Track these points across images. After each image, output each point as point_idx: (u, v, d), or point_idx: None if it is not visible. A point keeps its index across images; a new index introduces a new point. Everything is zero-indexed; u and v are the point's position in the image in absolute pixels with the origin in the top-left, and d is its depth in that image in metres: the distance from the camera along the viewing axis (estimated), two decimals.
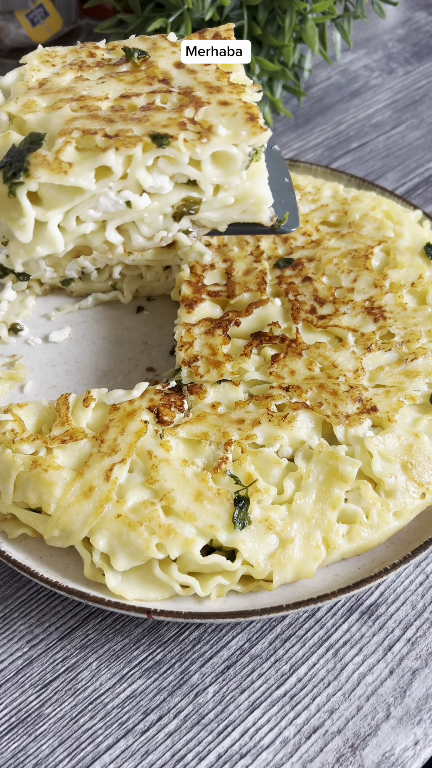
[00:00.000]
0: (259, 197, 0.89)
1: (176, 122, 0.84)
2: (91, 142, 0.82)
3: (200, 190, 0.87)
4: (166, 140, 0.82)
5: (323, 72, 1.73)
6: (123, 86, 0.91)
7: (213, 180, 0.86)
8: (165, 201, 0.86)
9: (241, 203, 0.89)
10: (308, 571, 0.88)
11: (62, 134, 0.82)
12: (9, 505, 0.93)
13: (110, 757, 0.84)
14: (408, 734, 0.85)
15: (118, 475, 0.90)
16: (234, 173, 0.86)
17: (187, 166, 0.84)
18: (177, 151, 0.82)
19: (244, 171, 0.86)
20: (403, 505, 0.92)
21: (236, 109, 0.87)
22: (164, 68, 0.94)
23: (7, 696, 0.88)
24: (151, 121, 0.84)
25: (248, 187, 0.88)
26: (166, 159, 0.83)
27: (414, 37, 1.83)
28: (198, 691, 0.88)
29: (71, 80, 0.93)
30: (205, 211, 0.89)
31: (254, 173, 0.87)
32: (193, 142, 0.83)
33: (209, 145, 0.83)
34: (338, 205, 1.22)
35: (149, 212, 0.86)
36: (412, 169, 1.50)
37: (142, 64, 0.94)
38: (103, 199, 0.83)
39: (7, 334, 1.18)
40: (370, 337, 1.03)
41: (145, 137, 0.82)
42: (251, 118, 0.85)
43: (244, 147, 0.84)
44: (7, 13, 1.63)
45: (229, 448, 0.92)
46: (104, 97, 0.88)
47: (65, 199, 0.82)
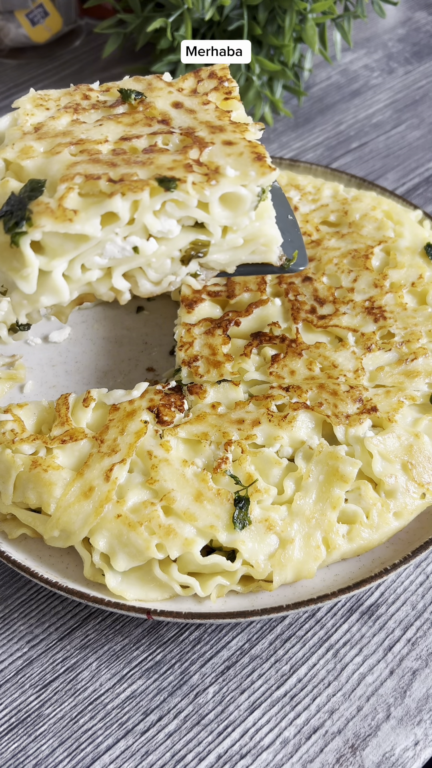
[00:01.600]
0: (268, 237, 0.87)
1: (182, 164, 0.82)
2: (94, 188, 0.79)
3: (208, 233, 0.84)
4: (174, 183, 0.79)
5: (323, 72, 1.73)
6: (122, 128, 0.88)
7: (222, 222, 0.84)
8: (173, 245, 0.84)
9: (250, 244, 0.87)
10: (308, 572, 0.88)
11: (64, 180, 0.79)
12: (9, 505, 0.93)
13: (110, 758, 0.84)
14: (408, 735, 0.85)
15: (118, 476, 0.90)
16: (243, 214, 0.84)
17: (195, 209, 0.82)
18: (185, 194, 0.80)
19: (252, 211, 0.84)
20: (403, 505, 0.92)
21: (242, 148, 0.84)
22: (162, 108, 0.91)
23: (7, 696, 0.88)
24: (155, 163, 0.82)
25: (258, 227, 0.86)
26: (174, 202, 0.81)
27: (414, 36, 1.83)
28: (198, 692, 0.88)
29: (67, 123, 0.90)
30: (214, 253, 0.87)
31: (263, 213, 0.86)
32: (202, 185, 0.80)
33: (218, 186, 0.81)
34: (338, 205, 1.22)
35: (157, 257, 0.84)
36: (413, 169, 1.50)
37: (139, 105, 0.92)
38: (110, 246, 0.81)
39: (7, 334, 1.18)
40: (370, 337, 1.03)
41: (152, 181, 0.79)
42: (258, 157, 0.83)
43: (252, 187, 0.83)
44: (7, 13, 1.63)
45: (229, 448, 0.92)
46: (104, 140, 0.86)
47: (70, 247, 0.79)
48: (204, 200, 0.81)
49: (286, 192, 1.24)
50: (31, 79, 1.69)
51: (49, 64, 1.73)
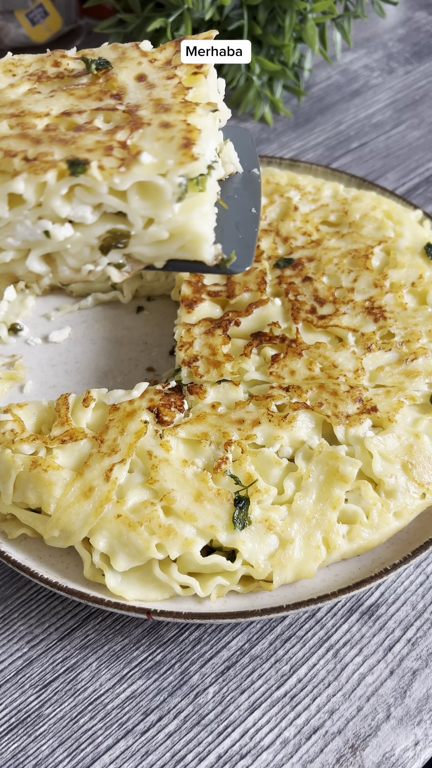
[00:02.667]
0: (195, 234, 0.78)
1: (103, 146, 0.76)
2: (10, 165, 0.75)
3: (128, 223, 0.78)
4: (82, 167, 0.74)
5: (323, 72, 1.73)
6: (71, 101, 0.83)
7: (140, 212, 0.76)
8: (89, 232, 0.78)
9: (176, 239, 0.79)
10: (308, 572, 0.88)
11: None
12: (9, 505, 0.93)
13: (110, 758, 0.84)
14: (408, 735, 0.85)
15: (118, 476, 0.90)
16: (164, 206, 0.76)
17: (108, 196, 0.75)
18: (93, 180, 0.74)
19: (176, 204, 0.76)
20: (403, 505, 0.92)
21: (175, 132, 0.77)
22: (123, 81, 0.86)
23: (7, 696, 0.88)
24: (77, 143, 0.76)
25: (182, 221, 0.77)
26: (84, 188, 0.75)
27: (414, 36, 1.83)
28: (198, 692, 0.88)
29: (23, 93, 0.86)
30: (136, 245, 0.79)
31: (191, 206, 0.77)
32: (111, 171, 0.74)
33: (128, 174, 0.74)
34: (338, 205, 1.22)
35: (72, 244, 0.78)
36: (413, 169, 1.50)
37: (102, 75, 0.87)
38: (20, 228, 0.76)
39: (7, 334, 1.18)
40: (370, 337, 1.03)
41: (62, 163, 0.74)
42: (186, 144, 0.75)
43: (173, 177, 0.75)
44: (7, 13, 1.63)
45: (229, 448, 0.92)
46: (45, 114, 0.81)
47: None
48: (114, 188, 0.75)
49: (287, 192, 1.24)
50: None
51: None
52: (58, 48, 1.73)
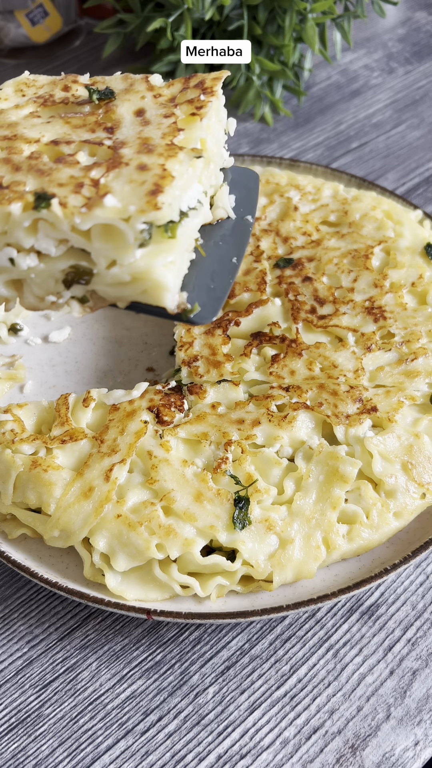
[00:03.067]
0: (156, 282, 0.76)
1: (75, 182, 0.76)
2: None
3: (91, 261, 0.77)
4: (46, 203, 0.73)
5: (323, 72, 1.73)
6: (64, 130, 0.84)
7: (101, 253, 0.76)
8: (53, 265, 0.78)
9: (139, 283, 0.77)
10: (308, 572, 0.88)
11: None
12: (9, 505, 0.93)
13: (110, 758, 0.84)
14: (408, 735, 0.85)
15: (118, 476, 0.90)
16: (125, 250, 0.75)
17: (71, 233, 0.75)
18: (54, 217, 0.74)
19: (138, 250, 0.75)
20: (403, 505, 0.92)
21: (148, 176, 0.76)
22: (120, 115, 0.85)
23: (7, 696, 0.88)
24: (52, 176, 0.77)
25: (143, 267, 0.75)
26: (47, 223, 0.75)
27: (414, 36, 1.83)
28: (198, 692, 0.88)
29: (24, 116, 0.86)
30: (98, 284, 0.79)
31: (156, 253, 0.75)
32: (73, 210, 0.73)
33: (89, 216, 0.73)
34: (338, 205, 1.22)
35: (36, 274, 0.78)
36: (413, 169, 1.50)
37: (103, 106, 0.87)
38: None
39: (7, 334, 1.18)
40: (370, 337, 1.03)
41: (29, 195, 0.74)
42: (154, 191, 0.74)
43: (134, 224, 0.73)
44: (6, 13, 1.63)
45: (229, 448, 0.92)
46: (35, 140, 0.82)
47: None
48: (76, 227, 0.74)
49: (286, 192, 1.24)
50: None
51: (49, 64, 1.73)
52: (58, 47, 1.74)
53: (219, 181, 0.92)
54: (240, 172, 0.99)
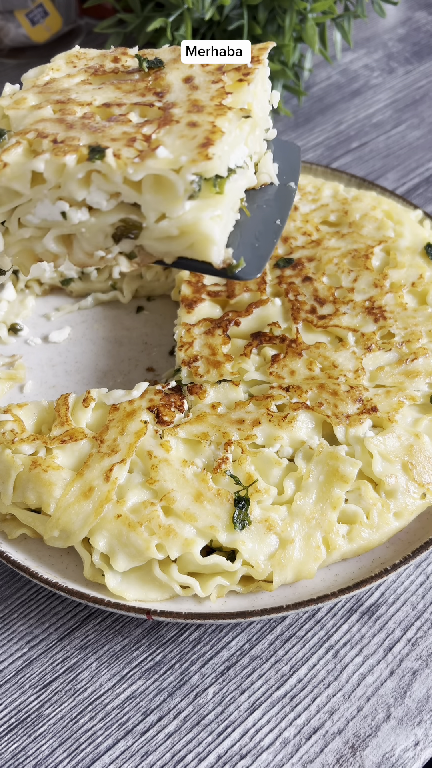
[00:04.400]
0: (203, 235, 0.78)
1: (127, 137, 0.78)
2: (39, 145, 0.79)
3: (141, 215, 0.79)
4: (100, 154, 0.76)
5: (323, 71, 1.73)
6: (115, 94, 0.87)
7: (150, 205, 0.78)
8: (104, 219, 0.80)
9: (186, 237, 0.79)
10: (308, 572, 0.88)
11: (18, 134, 0.80)
12: (9, 505, 0.93)
13: (110, 758, 0.84)
14: (408, 735, 0.85)
15: (118, 476, 0.90)
16: (174, 202, 0.77)
17: (122, 186, 0.77)
18: (108, 168, 0.76)
19: (187, 201, 0.77)
20: (403, 505, 0.92)
21: (198, 132, 0.79)
22: (170, 81, 0.88)
23: (7, 696, 0.88)
24: (105, 132, 0.79)
25: (191, 220, 0.77)
26: (100, 174, 0.77)
27: (414, 36, 1.83)
28: (198, 692, 0.88)
29: (76, 83, 0.90)
30: (147, 238, 0.81)
31: (203, 207, 0.77)
32: (126, 161, 0.76)
33: (142, 166, 0.76)
34: (338, 205, 1.22)
35: (86, 228, 0.81)
36: (413, 169, 1.50)
37: (152, 74, 0.90)
38: (41, 206, 0.80)
39: (7, 334, 1.18)
40: (370, 337, 1.03)
41: (83, 148, 0.77)
42: (204, 144, 0.77)
43: (185, 174, 0.75)
44: (6, 13, 1.63)
45: (229, 448, 0.92)
46: (87, 103, 0.84)
47: (5, 200, 0.80)
48: (129, 177, 0.76)
49: None
50: None
51: None
52: (59, 48, 1.73)
53: (263, 149, 0.95)
54: (283, 145, 1.02)
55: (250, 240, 0.88)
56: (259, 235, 0.89)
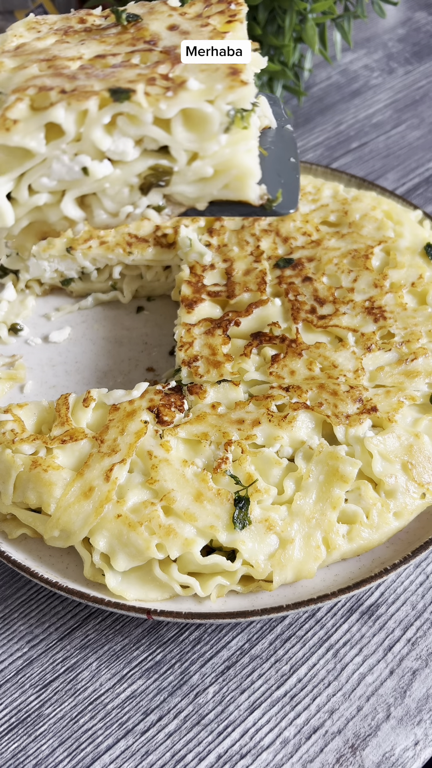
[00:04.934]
0: (241, 168, 0.74)
1: (145, 78, 0.72)
2: (46, 100, 0.70)
3: (171, 158, 0.73)
4: (126, 94, 0.69)
5: (323, 72, 1.73)
6: (103, 47, 0.79)
7: (185, 144, 0.73)
8: (129, 169, 0.73)
9: (221, 176, 0.75)
10: (308, 572, 0.88)
11: (16, 91, 0.71)
12: (9, 505, 0.93)
13: (110, 758, 0.84)
14: (408, 734, 0.85)
15: (118, 476, 0.90)
16: (210, 137, 0.72)
17: (152, 127, 0.71)
18: (138, 107, 0.70)
19: (222, 135, 0.72)
20: (403, 505, 0.92)
21: (218, 64, 0.74)
22: (155, 30, 0.82)
23: (7, 696, 0.88)
24: (117, 77, 0.72)
25: (228, 154, 0.73)
26: (127, 117, 0.71)
27: (414, 36, 1.83)
28: (198, 692, 0.88)
29: (51, 44, 0.81)
30: (179, 183, 0.75)
31: (237, 139, 0.73)
32: (157, 97, 0.70)
33: (176, 99, 0.70)
34: (338, 205, 1.22)
35: (111, 182, 0.74)
36: (413, 169, 1.50)
37: (132, 27, 0.82)
38: (57, 165, 0.72)
39: (7, 334, 1.18)
40: (370, 337, 1.03)
41: (103, 92, 0.70)
42: (233, 72, 0.72)
43: (220, 105, 0.71)
44: (7, 13, 1.63)
45: (229, 448, 0.92)
46: (77, 57, 0.77)
47: (14, 164, 0.71)
48: (160, 115, 0.71)
49: None
50: None
51: None
52: None
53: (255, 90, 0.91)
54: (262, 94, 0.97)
55: (274, 178, 0.83)
56: (281, 171, 0.85)
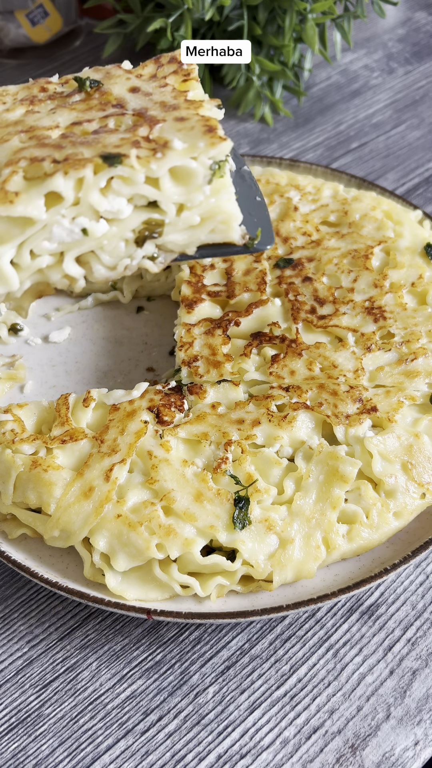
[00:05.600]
0: (226, 213, 0.83)
1: (129, 141, 0.79)
2: (39, 170, 0.77)
3: (162, 211, 0.81)
4: (118, 159, 0.77)
5: (323, 72, 1.73)
6: (75, 114, 0.86)
7: (174, 198, 0.81)
8: (125, 225, 0.81)
9: (208, 222, 0.84)
10: (308, 572, 0.88)
11: (9, 164, 0.77)
12: (9, 505, 0.93)
13: (110, 758, 0.84)
14: (408, 734, 0.85)
15: (118, 476, 0.90)
16: (196, 189, 0.81)
17: (144, 186, 0.79)
18: (131, 169, 0.77)
19: (207, 186, 0.81)
20: (403, 505, 0.92)
21: (193, 123, 0.82)
22: (119, 94, 0.89)
23: (7, 696, 0.88)
24: (102, 143, 0.79)
25: (214, 203, 0.82)
26: (121, 179, 0.78)
27: (414, 37, 1.83)
28: (198, 692, 0.88)
29: (21, 114, 0.88)
30: (170, 233, 0.83)
31: (219, 188, 0.82)
32: (148, 158, 0.78)
33: (165, 159, 0.78)
34: (338, 205, 1.22)
35: (109, 239, 0.81)
36: (412, 169, 1.50)
37: (95, 92, 0.90)
38: (57, 229, 0.78)
39: (7, 334, 1.18)
40: (370, 337, 1.03)
41: (96, 158, 0.77)
42: (209, 129, 0.81)
43: (203, 160, 0.80)
44: (7, 13, 1.63)
45: (229, 448, 0.92)
46: (54, 126, 0.84)
47: (16, 232, 0.77)
48: (151, 175, 0.78)
49: (286, 192, 1.24)
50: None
51: (49, 65, 1.73)
52: (58, 48, 1.74)
53: None
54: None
55: (247, 218, 0.90)
56: (251, 210, 0.93)
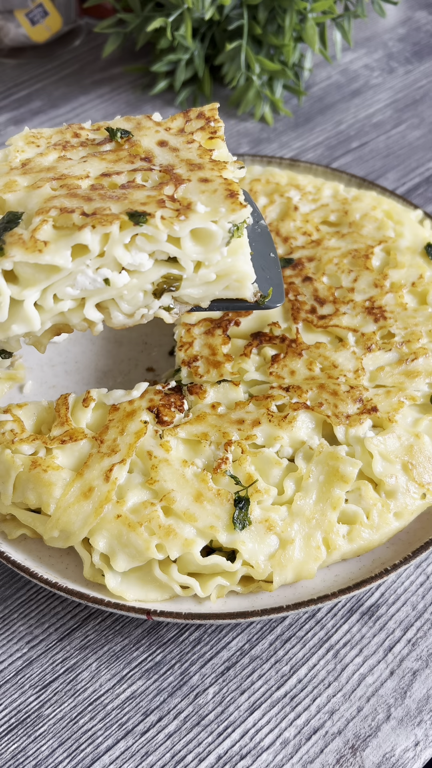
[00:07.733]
0: (241, 273, 0.88)
1: (155, 200, 0.84)
2: (68, 221, 0.81)
3: (180, 267, 0.86)
4: (144, 218, 0.81)
5: (323, 71, 1.73)
6: (105, 165, 0.90)
7: (193, 257, 0.85)
8: (145, 278, 0.85)
9: (223, 279, 0.88)
10: (308, 572, 0.88)
11: (40, 213, 0.82)
12: (8, 505, 0.93)
13: (110, 758, 0.84)
14: (408, 735, 0.85)
15: (118, 476, 0.90)
16: (214, 250, 0.85)
17: (165, 244, 0.83)
18: (155, 229, 0.82)
19: (224, 247, 0.85)
20: (403, 505, 0.92)
21: (216, 186, 0.86)
22: (147, 147, 0.93)
23: (7, 697, 0.88)
24: (129, 199, 0.84)
25: (230, 263, 0.87)
26: (144, 236, 0.82)
27: (414, 36, 1.83)
28: (198, 692, 0.88)
29: (54, 160, 0.92)
30: (187, 287, 0.88)
31: (236, 249, 0.87)
32: (171, 220, 0.82)
33: (187, 222, 0.82)
34: (338, 205, 1.22)
35: (129, 290, 0.85)
36: (413, 169, 1.50)
37: (126, 143, 0.94)
38: (81, 277, 0.82)
39: None
40: (370, 337, 1.03)
41: (123, 215, 0.81)
42: (231, 194, 0.85)
43: (223, 223, 0.84)
44: (6, 13, 1.63)
45: (229, 448, 0.92)
46: (85, 176, 0.88)
47: (42, 277, 0.81)
48: (174, 235, 0.82)
49: (286, 192, 1.24)
50: (30, 79, 1.69)
51: (49, 64, 1.73)
52: (58, 47, 1.74)
53: None
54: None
55: (260, 274, 0.94)
56: (265, 267, 0.97)
